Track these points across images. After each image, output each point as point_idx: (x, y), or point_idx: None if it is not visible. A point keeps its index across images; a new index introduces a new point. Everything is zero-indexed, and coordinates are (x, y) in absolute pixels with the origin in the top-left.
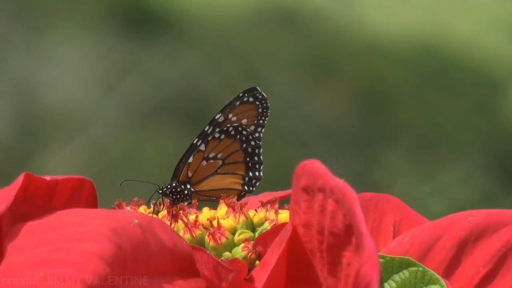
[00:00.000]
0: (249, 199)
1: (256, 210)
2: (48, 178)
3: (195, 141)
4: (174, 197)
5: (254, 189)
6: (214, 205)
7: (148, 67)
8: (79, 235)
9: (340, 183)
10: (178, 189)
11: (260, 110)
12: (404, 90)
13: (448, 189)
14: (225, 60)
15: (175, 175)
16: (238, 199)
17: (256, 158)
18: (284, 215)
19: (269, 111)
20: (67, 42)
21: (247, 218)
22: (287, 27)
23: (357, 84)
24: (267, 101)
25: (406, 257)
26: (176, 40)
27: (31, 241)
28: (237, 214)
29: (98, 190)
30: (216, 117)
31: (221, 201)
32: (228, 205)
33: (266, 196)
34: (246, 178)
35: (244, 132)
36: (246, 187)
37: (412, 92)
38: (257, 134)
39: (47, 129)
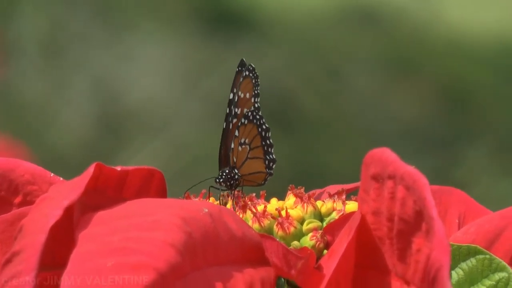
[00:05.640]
0: (315, 192)
1: (323, 201)
2: (118, 168)
3: (224, 126)
4: (229, 183)
5: (273, 172)
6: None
7: (230, 65)
8: (150, 224)
9: (410, 170)
10: (232, 175)
11: (253, 81)
12: (485, 88)
13: None
14: (306, 59)
15: (224, 162)
16: (264, 182)
17: (269, 142)
18: (351, 206)
19: (259, 80)
20: (149, 40)
21: (315, 208)
22: (367, 26)
23: (438, 83)
24: (255, 70)
25: (473, 245)
26: (257, 39)
27: (102, 230)
28: (305, 204)
29: (179, 187)
30: (231, 97)
31: (288, 192)
32: (296, 195)
33: (332, 188)
34: (266, 161)
35: (258, 116)
36: (268, 170)
37: (493, 90)
38: (256, 105)
39: (129, 127)
